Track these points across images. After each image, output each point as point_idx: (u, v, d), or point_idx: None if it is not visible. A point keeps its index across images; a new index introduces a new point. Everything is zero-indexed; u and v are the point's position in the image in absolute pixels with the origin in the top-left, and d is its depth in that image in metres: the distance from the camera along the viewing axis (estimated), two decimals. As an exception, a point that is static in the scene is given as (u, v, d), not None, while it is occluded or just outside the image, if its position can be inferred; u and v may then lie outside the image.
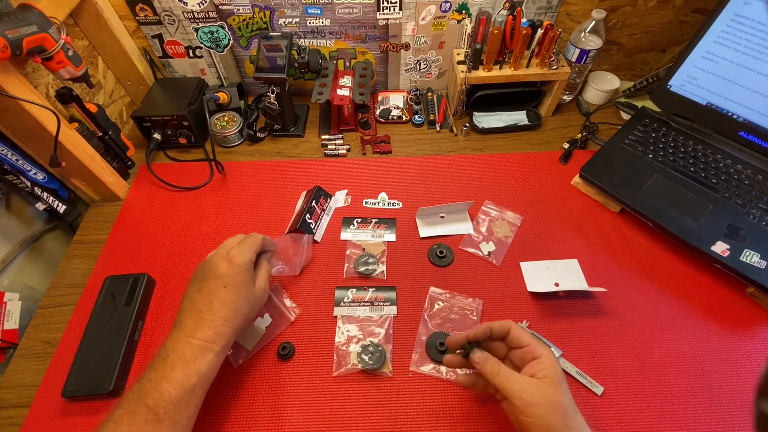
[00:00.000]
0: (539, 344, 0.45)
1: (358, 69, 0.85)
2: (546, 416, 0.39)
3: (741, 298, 0.63)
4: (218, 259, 0.50)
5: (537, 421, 0.39)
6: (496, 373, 0.43)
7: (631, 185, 0.70)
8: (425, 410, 0.53)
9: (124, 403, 0.42)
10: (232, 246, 0.52)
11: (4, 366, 0.60)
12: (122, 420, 0.41)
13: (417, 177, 0.79)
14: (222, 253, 0.51)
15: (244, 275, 0.50)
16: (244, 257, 0.51)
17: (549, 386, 0.42)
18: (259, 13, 0.79)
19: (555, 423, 0.39)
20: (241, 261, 0.51)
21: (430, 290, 0.63)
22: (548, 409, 0.40)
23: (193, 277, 0.52)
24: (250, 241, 0.54)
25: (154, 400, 0.41)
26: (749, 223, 0.64)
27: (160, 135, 0.79)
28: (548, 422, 0.39)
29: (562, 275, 0.65)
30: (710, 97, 0.73)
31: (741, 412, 0.53)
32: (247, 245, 0.53)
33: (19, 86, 0.56)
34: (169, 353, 0.44)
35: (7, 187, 0.66)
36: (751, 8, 0.65)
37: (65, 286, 0.66)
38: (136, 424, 0.40)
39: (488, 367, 0.44)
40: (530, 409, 0.40)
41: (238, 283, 0.50)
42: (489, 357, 0.45)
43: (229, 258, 0.50)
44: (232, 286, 0.49)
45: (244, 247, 0.52)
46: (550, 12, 0.82)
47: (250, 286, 0.51)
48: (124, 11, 0.78)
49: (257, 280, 0.53)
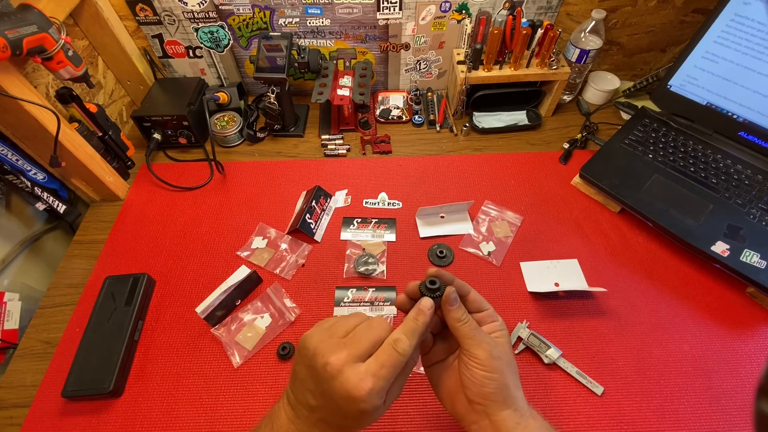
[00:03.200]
0: (495, 311, 0.43)
1: (358, 69, 0.85)
2: (504, 372, 0.38)
3: (741, 298, 0.63)
4: (366, 379, 0.33)
5: (495, 376, 0.37)
6: (466, 320, 0.39)
7: (631, 185, 0.70)
8: (425, 410, 0.53)
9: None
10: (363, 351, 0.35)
11: (4, 366, 0.60)
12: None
13: (417, 177, 0.79)
14: (372, 369, 0.34)
15: (380, 412, 0.36)
16: (384, 381, 0.34)
17: (507, 347, 0.41)
18: (259, 13, 0.79)
19: (509, 382, 0.38)
20: (385, 401, 0.36)
21: (430, 290, 0.63)
22: (507, 367, 0.39)
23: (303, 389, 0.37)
24: (389, 353, 0.35)
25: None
26: (749, 223, 0.64)
27: (160, 135, 0.79)
28: (505, 379, 0.38)
29: (562, 275, 0.65)
30: (710, 97, 0.73)
31: (741, 412, 0.53)
32: (388, 358, 0.35)
33: (19, 86, 0.56)
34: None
35: (7, 187, 0.66)
36: (751, 8, 0.65)
37: (65, 286, 0.66)
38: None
39: (460, 312, 0.39)
40: (494, 362, 0.38)
41: (371, 419, 0.36)
42: (461, 303, 0.40)
43: (378, 389, 0.34)
44: (370, 418, 0.36)
45: (389, 371, 0.34)
46: (550, 12, 0.82)
47: (376, 410, 0.35)
48: (124, 11, 0.78)
49: (387, 398, 0.37)
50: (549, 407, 0.53)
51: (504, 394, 0.37)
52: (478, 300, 0.43)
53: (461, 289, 0.42)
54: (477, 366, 0.38)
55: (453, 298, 0.40)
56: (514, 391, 0.38)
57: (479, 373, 0.38)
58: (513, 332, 0.59)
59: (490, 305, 0.43)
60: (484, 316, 0.42)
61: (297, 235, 0.70)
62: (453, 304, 0.40)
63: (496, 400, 0.37)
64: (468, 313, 0.40)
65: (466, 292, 0.42)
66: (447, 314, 0.40)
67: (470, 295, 0.42)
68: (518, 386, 0.39)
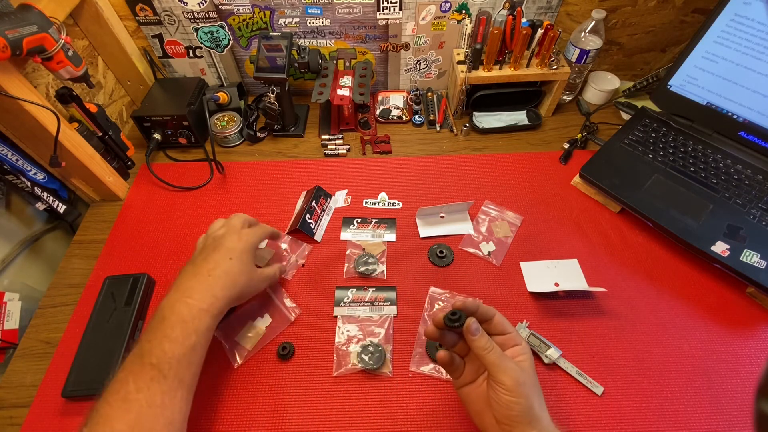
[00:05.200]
0: (518, 333, 0.47)
1: (358, 69, 0.85)
2: (530, 397, 0.41)
3: (741, 298, 0.63)
4: (230, 234, 0.55)
5: (521, 401, 0.40)
6: (491, 348, 0.42)
7: (631, 185, 0.70)
8: (425, 410, 0.53)
9: (126, 366, 0.42)
10: (240, 224, 0.57)
11: (4, 366, 0.60)
12: (127, 380, 0.41)
13: (417, 177, 0.79)
14: (234, 227, 0.56)
15: (249, 254, 0.55)
16: (253, 239, 0.56)
17: (530, 371, 0.43)
18: (259, 13, 0.79)
19: (534, 404, 0.41)
20: (250, 241, 0.55)
21: (430, 290, 0.63)
22: (532, 391, 0.41)
23: (200, 247, 0.56)
24: (261, 228, 0.60)
25: (157, 359, 0.42)
26: (749, 223, 0.64)
27: (160, 135, 0.79)
28: (530, 403, 0.40)
29: (562, 275, 0.65)
30: (710, 97, 0.73)
31: (741, 412, 0.53)
32: (260, 230, 0.59)
33: (19, 86, 0.56)
34: (167, 314, 0.46)
35: (7, 187, 0.66)
36: (751, 8, 0.65)
37: (65, 286, 0.66)
38: (142, 381, 0.41)
39: (484, 341, 0.43)
40: (520, 389, 0.40)
41: (244, 260, 0.53)
42: (484, 332, 0.44)
43: (240, 235, 0.55)
44: (237, 260, 0.53)
45: (257, 231, 0.58)
46: (550, 12, 0.82)
47: (252, 266, 0.55)
48: (124, 11, 0.78)
49: (266, 268, 0.59)
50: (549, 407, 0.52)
51: (529, 415, 0.40)
52: (502, 323, 0.46)
53: (486, 314, 0.46)
54: (503, 392, 0.41)
55: (474, 328, 0.43)
56: (538, 412, 0.41)
57: (505, 398, 0.41)
58: (513, 332, 0.59)
59: (513, 328, 0.46)
60: (507, 339, 0.45)
61: (297, 235, 0.70)
62: (474, 334, 0.43)
63: (522, 422, 0.40)
64: (492, 340, 0.43)
65: (490, 316, 0.46)
66: (471, 343, 0.44)
67: (494, 318, 0.46)
68: (543, 407, 0.42)
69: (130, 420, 0.39)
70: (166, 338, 0.44)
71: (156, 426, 0.40)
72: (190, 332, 0.45)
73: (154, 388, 0.41)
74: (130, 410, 0.40)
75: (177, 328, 0.45)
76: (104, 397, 0.41)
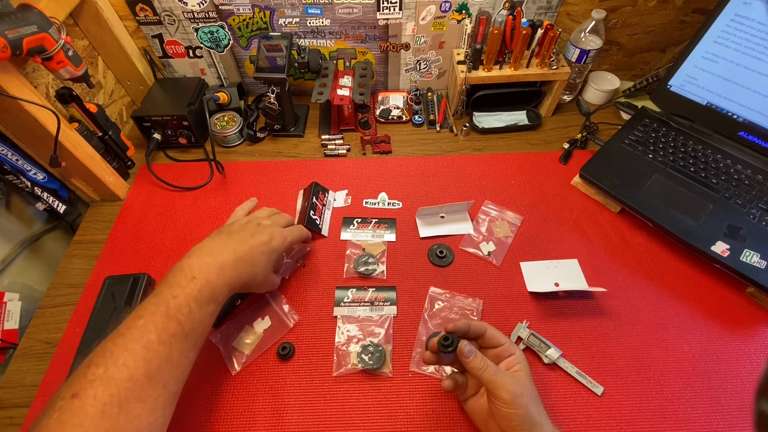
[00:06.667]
0: (511, 342, 0.48)
1: (358, 69, 0.85)
2: (528, 406, 0.43)
3: (741, 298, 0.63)
4: (275, 230, 0.56)
5: (521, 412, 0.42)
6: (485, 368, 0.44)
7: (631, 185, 0.70)
8: (425, 410, 0.53)
9: (147, 314, 0.42)
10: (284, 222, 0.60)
11: (4, 366, 0.60)
12: (148, 328, 0.41)
13: (417, 177, 0.79)
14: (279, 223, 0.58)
15: (278, 255, 0.56)
16: (290, 240, 0.58)
17: (527, 379, 0.46)
18: (259, 13, 0.79)
19: (534, 412, 0.43)
20: (288, 241, 0.57)
21: (430, 290, 0.63)
22: (530, 400, 0.43)
23: (241, 223, 0.56)
24: (299, 229, 0.61)
25: (184, 317, 0.43)
26: (749, 223, 0.64)
27: (160, 135, 0.79)
28: (530, 412, 0.42)
29: (562, 275, 0.65)
30: (710, 97, 0.73)
31: (741, 412, 0.53)
32: (297, 231, 0.60)
33: (19, 86, 0.56)
34: (196, 274, 0.46)
35: (7, 187, 0.66)
36: (751, 8, 0.65)
37: (65, 286, 0.66)
38: (165, 335, 0.41)
39: (478, 361, 0.45)
40: (517, 400, 0.42)
41: (272, 259, 0.55)
42: (477, 352, 0.46)
43: (283, 236, 0.56)
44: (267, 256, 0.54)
45: (294, 232, 0.59)
46: (550, 12, 0.82)
47: (271, 267, 0.56)
48: (124, 11, 0.78)
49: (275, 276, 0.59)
50: (549, 407, 0.53)
51: (529, 422, 0.42)
52: (495, 336, 0.48)
53: (478, 331, 0.48)
54: (502, 406, 0.43)
55: (467, 350, 0.45)
56: (538, 418, 0.43)
57: (505, 411, 0.43)
58: (513, 332, 0.59)
59: (507, 338, 0.49)
60: (502, 351, 0.48)
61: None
62: (468, 356, 0.45)
63: (523, 429, 0.42)
64: (485, 359, 0.45)
65: (482, 332, 0.48)
66: (465, 365, 0.46)
67: (487, 332, 0.48)
68: (542, 412, 0.44)
69: (150, 370, 0.39)
70: (195, 301, 0.44)
71: (170, 381, 0.41)
72: (212, 299, 0.46)
73: (174, 344, 0.42)
74: (151, 361, 0.40)
75: (205, 292, 0.45)
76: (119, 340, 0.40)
